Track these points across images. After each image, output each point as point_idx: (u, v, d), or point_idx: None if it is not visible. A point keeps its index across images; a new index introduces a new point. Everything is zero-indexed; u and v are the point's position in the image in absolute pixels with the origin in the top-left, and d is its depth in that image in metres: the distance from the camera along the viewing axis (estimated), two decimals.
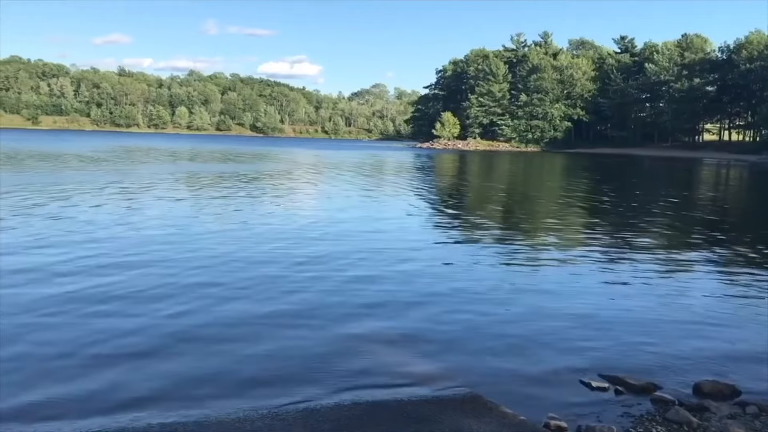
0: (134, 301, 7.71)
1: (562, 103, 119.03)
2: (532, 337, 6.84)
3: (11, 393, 5.06)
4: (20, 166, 32.84)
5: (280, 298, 8.09)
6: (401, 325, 7.12)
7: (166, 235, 12.50)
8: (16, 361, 5.71)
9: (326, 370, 5.76)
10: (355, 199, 20.95)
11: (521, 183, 36.20)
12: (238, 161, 45.78)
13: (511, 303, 8.22)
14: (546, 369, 5.94)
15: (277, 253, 10.93)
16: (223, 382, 5.43)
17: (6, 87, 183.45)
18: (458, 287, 8.93)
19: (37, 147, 57.12)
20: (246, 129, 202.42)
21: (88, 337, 6.37)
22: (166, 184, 24.21)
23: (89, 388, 5.21)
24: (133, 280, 8.64)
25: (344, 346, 6.38)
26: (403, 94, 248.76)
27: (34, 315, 7.03)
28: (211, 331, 6.75)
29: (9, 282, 8.35)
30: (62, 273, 8.97)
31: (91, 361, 5.79)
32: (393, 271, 9.86)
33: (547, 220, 17.62)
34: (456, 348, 6.45)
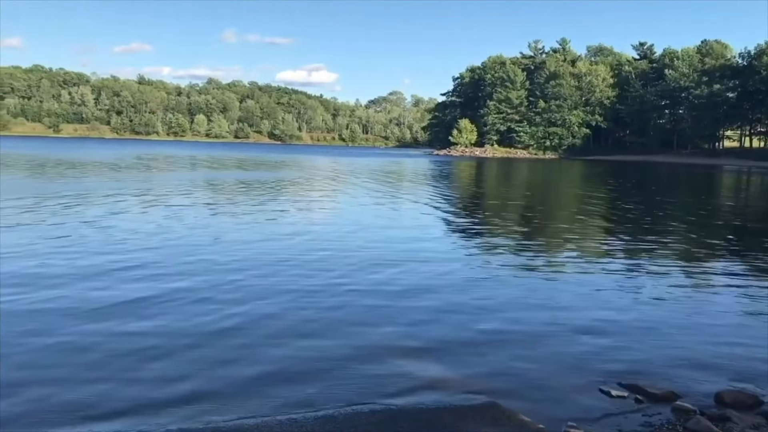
0: (166, 303, 7.79)
1: (580, 110, 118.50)
2: (551, 346, 6.80)
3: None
4: (54, 173, 33.32)
5: (299, 304, 8.11)
6: (419, 333, 7.11)
7: (196, 242, 12.62)
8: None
9: (344, 376, 5.77)
10: (374, 208, 20.91)
11: (540, 191, 36.03)
12: (259, 169, 45.96)
13: (529, 311, 8.18)
14: (565, 377, 5.90)
15: (296, 258, 10.96)
16: (241, 388, 5.46)
17: (28, 95, 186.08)
18: (476, 296, 8.90)
19: (65, 155, 57.78)
20: (264, 136, 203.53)
21: (120, 342, 6.44)
22: (193, 192, 24.36)
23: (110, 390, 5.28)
24: (163, 282, 8.73)
25: (361, 353, 6.38)
26: (420, 101, 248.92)
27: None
28: (228, 336, 6.79)
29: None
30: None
31: (117, 364, 5.86)
32: (412, 279, 9.83)
33: (566, 228, 17.53)
34: (474, 356, 6.42)
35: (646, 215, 20.85)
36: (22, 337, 6.54)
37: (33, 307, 7.61)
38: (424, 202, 22.94)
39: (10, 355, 6.02)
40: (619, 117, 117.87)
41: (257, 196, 23.79)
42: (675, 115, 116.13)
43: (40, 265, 9.94)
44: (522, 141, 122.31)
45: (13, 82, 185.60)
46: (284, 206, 20.29)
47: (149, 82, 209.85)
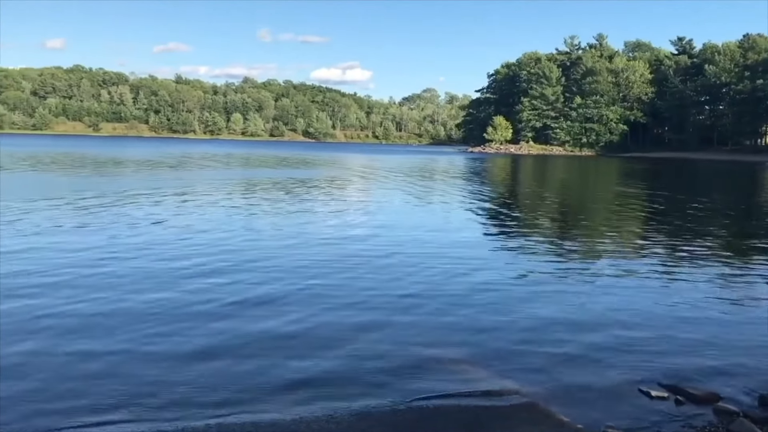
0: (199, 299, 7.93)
1: (618, 106, 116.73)
2: (590, 346, 6.73)
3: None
4: (112, 171, 34.05)
5: (338, 304, 8.16)
6: (457, 335, 7.09)
7: (248, 240, 12.81)
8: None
9: (382, 374, 5.79)
10: (411, 207, 20.89)
11: (578, 189, 35.62)
12: (300, 167, 46.18)
13: (566, 311, 8.10)
14: (604, 377, 5.84)
15: (338, 261, 11.03)
16: (279, 383, 5.52)
17: (69, 95, 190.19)
18: (513, 296, 8.86)
19: (112, 153, 59.09)
20: (298, 135, 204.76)
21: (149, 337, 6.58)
22: (247, 190, 24.66)
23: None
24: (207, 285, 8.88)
25: (400, 351, 6.39)
26: (454, 98, 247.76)
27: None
28: (269, 334, 6.86)
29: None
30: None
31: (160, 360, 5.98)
32: (448, 279, 9.82)
33: (604, 227, 17.31)
34: (512, 356, 6.39)
35: (685, 214, 20.46)
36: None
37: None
38: (460, 202, 22.87)
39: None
40: (657, 113, 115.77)
41: (307, 194, 23.94)
42: (715, 111, 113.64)
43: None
44: (558, 138, 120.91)
45: (54, 82, 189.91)
46: (336, 206, 20.30)
47: (186, 81, 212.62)
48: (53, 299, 7.92)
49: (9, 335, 6.54)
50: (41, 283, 8.70)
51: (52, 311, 7.41)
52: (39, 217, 15.15)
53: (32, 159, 44.05)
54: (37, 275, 9.13)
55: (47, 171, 33.68)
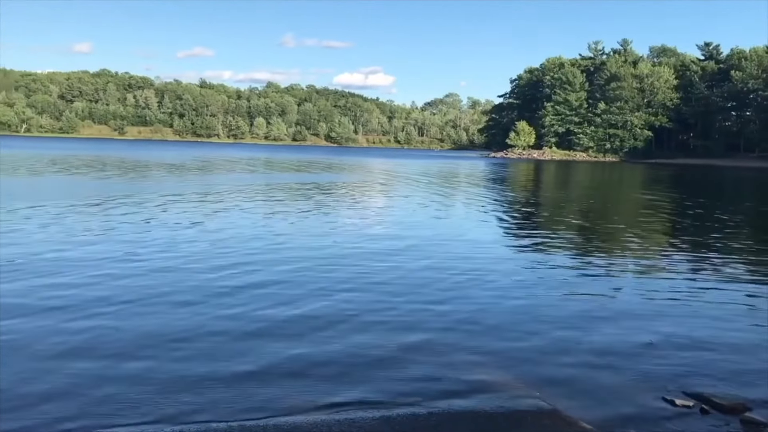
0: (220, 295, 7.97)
1: (642, 112, 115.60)
2: (613, 352, 6.65)
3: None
4: (144, 175, 34.50)
5: (359, 304, 8.17)
6: (478, 338, 7.05)
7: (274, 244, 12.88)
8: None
9: (403, 377, 5.78)
10: (432, 212, 20.79)
11: (602, 195, 35.32)
12: (326, 171, 46.35)
13: (590, 317, 8.03)
14: (627, 384, 5.76)
15: (359, 263, 11.06)
16: (299, 385, 5.52)
17: (96, 99, 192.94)
18: (536, 302, 8.80)
19: (143, 156, 59.84)
20: (321, 139, 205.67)
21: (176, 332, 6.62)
22: (270, 194, 24.82)
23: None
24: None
25: (420, 354, 6.37)
26: (477, 103, 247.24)
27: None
28: (287, 333, 6.88)
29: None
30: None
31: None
32: (470, 284, 9.78)
33: (628, 234, 17.12)
34: (534, 362, 6.34)
35: (711, 222, 20.20)
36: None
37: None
38: (484, 207, 22.77)
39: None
40: (682, 119, 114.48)
41: (334, 200, 24.02)
42: (742, 118, 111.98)
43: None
44: (581, 143, 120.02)
45: (81, 86, 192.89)
46: (364, 213, 20.31)
47: (210, 85, 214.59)
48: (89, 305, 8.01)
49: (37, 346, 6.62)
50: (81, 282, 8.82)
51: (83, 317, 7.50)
52: (90, 218, 15.39)
53: (62, 162, 44.70)
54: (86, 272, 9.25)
55: (81, 174, 34.13)
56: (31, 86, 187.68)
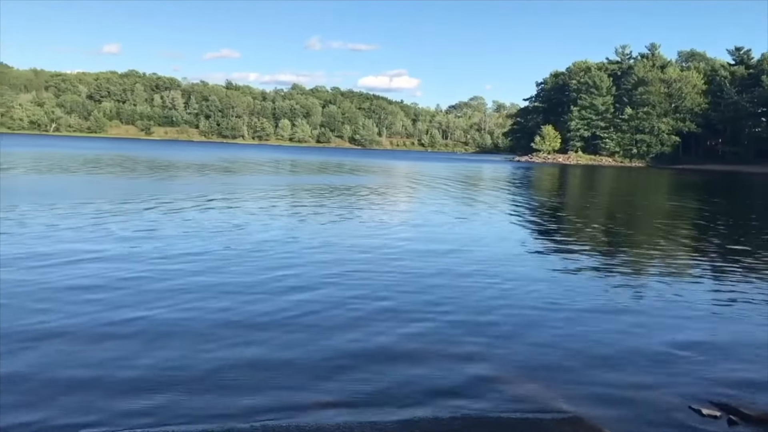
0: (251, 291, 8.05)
1: (670, 117, 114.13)
2: (637, 360, 6.60)
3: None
4: (176, 175, 34.97)
5: (382, 308, 8.20)
6: (501, 345, 7.03)
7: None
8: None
9: (425, 382, 5.78)
10: (456, 215, 20.75)
11: (630, 201, 34.97)
12: (352, 174, 46.41)
13: (614, 325, 7.96)
14: (652, 393, 5.70)
15: (384, 268, 11.09)
16: (325, 389, 5.55)
17: (123, 99, 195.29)
18: (559, 309, 8.73)
19: (172, 157, 60.51)
20: (345, 141, 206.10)
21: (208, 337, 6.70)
22: (295, 196, 24.98)
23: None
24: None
25: (443, 362, 6.36)
26: (502, 106, 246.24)
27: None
28: (314, 339, 6.92)
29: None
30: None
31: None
32: (492, 289, 9.77)
33: (656, 240, 16.95)
34: (557, 368, 6.31)
35: (739, 231, 19.90)
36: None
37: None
38: (509, 212, 22.66)
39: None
40: (711, 124, 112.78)
41: (362, 203, 24.09)
42: None
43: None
44: (607, 148, 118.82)
45: (110, 86, 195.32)
46: (392, 216, 20.32)
47: (236, 87, 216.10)
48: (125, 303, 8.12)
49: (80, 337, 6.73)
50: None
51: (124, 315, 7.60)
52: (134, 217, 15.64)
53: (94, 162, 45.38)
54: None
55: (114, 174, 34.63)
56: (60, 86, 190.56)
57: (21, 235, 12.38)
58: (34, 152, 57.73)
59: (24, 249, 11.03)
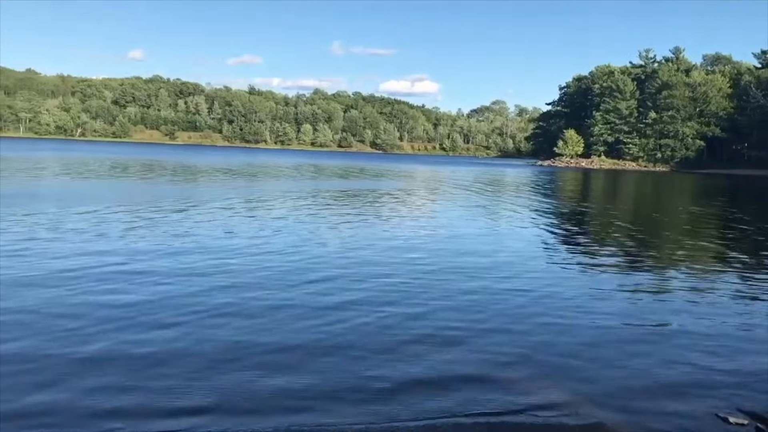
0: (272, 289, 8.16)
1: (694, 121, 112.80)
2: (662, 367, 6.55)
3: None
4: (206, 180, 35.44)
5: (407, 314, 8.26)
6: (524, 351, 7.04)
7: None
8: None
9: (446, 388, 5.80)
10: (479, 221, 20.73)
11: (654, 207, 34.67)
12: (375, 178, 46.42)
13: (638, 331, 7.93)
14: (678, 401, 5.67)
15: (409, 271, 11.15)
16: (345, 389, 5.61)
17: (148, 104, 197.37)
18: (582, 315, 8.71)
19: (198, 161, 61.31)
20: (366, 146, 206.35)
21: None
22: (322, 200, 25.15)
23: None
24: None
25: (466, 367, 6.38)
26: (524, 111, 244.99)
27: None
28: (336, 343, 6.99)
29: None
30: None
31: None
32: (514, 295, 9.78)
33: (679, 247, 16.84)
34: (581, 375, 6.30)
35: (763, 236, 19.67)
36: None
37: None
38: (533, 218, 22.58)
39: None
40: (736, 128, 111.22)
41: (386, 207, 24.21)
42: None
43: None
44: (631, 153, 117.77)
45: (134, 92, 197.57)
46: (416, 222, 20.44)
47: (259, 92, 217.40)
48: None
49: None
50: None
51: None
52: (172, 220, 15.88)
53: (124, 166, 46.07)
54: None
55: (145, 179, 35.11)
56: (86, 91, 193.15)
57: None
58: (63, 156, 58.67)
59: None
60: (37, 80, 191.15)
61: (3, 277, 9.22)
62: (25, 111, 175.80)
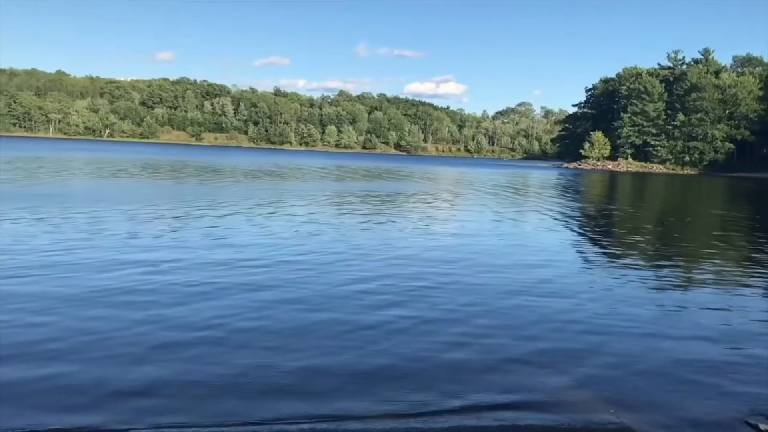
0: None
1: (724, 124, 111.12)
2: (690, 371, 6.48)
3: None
4: (239, 180, 35.85)
5: (436, 313, 8.29)
6: (546, 349, 7.03)
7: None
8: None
9: (470, 387, 5.81)
10: (505, 225, 20.64)
11: (688, 211, 34.28)
12: (403, 181, 46.43)
13: (668, 338, 7.84)
14: (707, 404, 5.61)
15: (437, 273, 11.21)
16: (371, 395, 5.62)
17: (175, 105, 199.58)
18: (609, 318, 8.63)
19: (228, 162, 61.87)
20: (390, 147, 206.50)
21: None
22: (351, 202, 25.30)
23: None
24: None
25: (496, 373, 6.35)
26: (550, 112, 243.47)
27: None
28: (364, 340, 7.04)
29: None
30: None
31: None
32: (542, 297, 9.74)
33: (720, 251, 16.67)
34: (605, 376, 6.26)
35: None
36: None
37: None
38: (554, 220, 22.47)
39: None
40: (767, 131, 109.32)
41: (426, 209, 24.26)
42: None
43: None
44: (659, 155, 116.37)
45: (162, 93, 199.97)
46: (445, 224, 20.49)
47: (284, 94, 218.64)
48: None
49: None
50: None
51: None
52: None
53: (155, 167, 46.73)
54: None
55: (177, 179, 35.56)
56: (114, 93, 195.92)
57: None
58: (95, 158, 59.54)
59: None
60: (67, 81, 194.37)
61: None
62: (55, 112, 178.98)
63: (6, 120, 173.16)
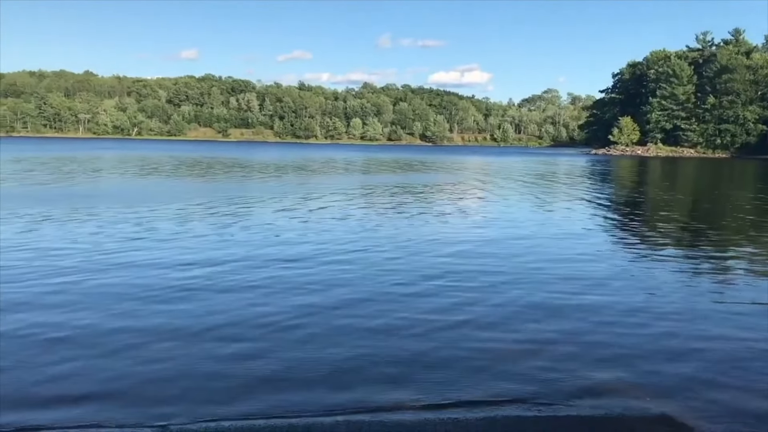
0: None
1: (756, 105, 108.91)
2: (734, 363, 6.35)
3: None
4: (276, 176, 36.18)
5: (462, 302, 8.28)
6: (592, 340, 6.96)
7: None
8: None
9: (510, 381, 5.78)
10: (539, 214, 20.47)
11: (729, 197, 33.76)
12: (432, 171, 46.31)
13: (710, 322, 7.74)
14: (748, 396, 5.51)
15: (468, 265, 11.24)
16: (405, 386, 5.63)
17: (201, 102, 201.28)
18: (649, 305, 8.54)
19: (259, 158, 62.28)
20: (416, 138, 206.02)
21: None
22: (382, 194, 25.39)
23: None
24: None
25: (526, 361, 6.32)
26: (577, 99, 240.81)
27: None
28: (384, 331, 7.06)
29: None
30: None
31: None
32: (574, 284, 9.70)
33: (742, 240, 16.45)
34: (649, 367, 6.16)
35: None
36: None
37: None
38: (587, 209, 22.30)
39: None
40: None
41: (458, 200, 24.28)
42: None
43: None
44: (690, 139, 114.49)
45: (188, 91, 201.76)
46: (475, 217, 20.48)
47: (309, 88, 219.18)
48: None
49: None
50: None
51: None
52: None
53: (189, 164, 47.14)
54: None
55: (213, 177, 35.97)
56: (141, 91, 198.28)
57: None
58: (127, 155, 60.37)
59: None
60: (95, 81, 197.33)
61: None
62: (84, 112, 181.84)
63: (37, 121, 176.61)
